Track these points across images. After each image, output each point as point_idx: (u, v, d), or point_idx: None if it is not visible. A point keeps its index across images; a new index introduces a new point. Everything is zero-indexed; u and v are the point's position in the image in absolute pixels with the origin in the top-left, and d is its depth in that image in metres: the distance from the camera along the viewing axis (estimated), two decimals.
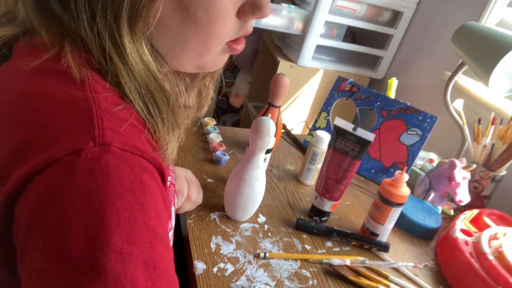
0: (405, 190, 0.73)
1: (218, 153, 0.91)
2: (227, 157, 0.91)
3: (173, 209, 0.59)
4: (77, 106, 0.36)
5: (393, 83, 1.09)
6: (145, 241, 0.34)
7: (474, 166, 0.89)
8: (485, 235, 0.73)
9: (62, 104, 0.36)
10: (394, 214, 0.74)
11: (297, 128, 1.59)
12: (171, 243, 0.56)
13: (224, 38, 0.45)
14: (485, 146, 0.94)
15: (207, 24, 0.42)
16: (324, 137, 0.87)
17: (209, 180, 0.84)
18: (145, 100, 0.41)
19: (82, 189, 0.32)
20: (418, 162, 1.07)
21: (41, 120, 0.35)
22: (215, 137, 0.98)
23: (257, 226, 0.75)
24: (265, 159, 0.84)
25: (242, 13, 0.44)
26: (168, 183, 0.55)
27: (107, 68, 0.39)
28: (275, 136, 0.76)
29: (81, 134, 0.34)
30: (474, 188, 0.94)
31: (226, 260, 0.65)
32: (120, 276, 0.32)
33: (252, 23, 0.48)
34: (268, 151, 0.83)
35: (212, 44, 0.45)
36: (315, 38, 1.45)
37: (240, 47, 0.48)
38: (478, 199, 0.95)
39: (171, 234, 0.54)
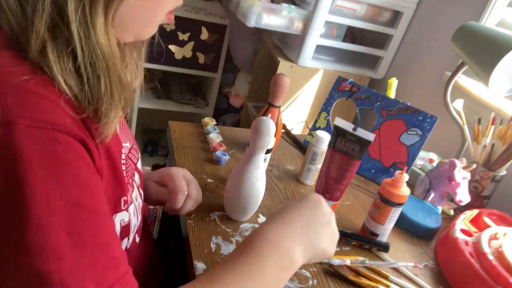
0: (405, 190, 0.73)
1: (218, 153, 0.91)
2: (227, 157, 0.91)
3: (134, 185, 0.59)
4: None
5: (393, 83, 1.09)
6: (64, 211, 0.36)
7: (474, 166, 0.89)
8: (485, 235, 0.73)
9: None
10: (394, 214, 0.74)
11: (297, 128, 1.59)
12: (135, 219, 0.56)
13: (167, 9, 0.50)
14: (485, 146, 0.94)
15: None
16: (324, 137, 0.87)
17: (209, 180, 0.84)
18: (102, 74, 0.41)
19: None
20: (418, 162, 1.07)
21: None
22: (215, 137, 0.98)
23: (257, 226, 0.75)
24: (265, 159, 0.84)
25: None
26: (123, 156, 0.55)
27: (49, 50, 0.39)
28: (275, 136, 0.76)
29: None
30: (474, 188, 0.94)
31: None
32: (42, 247, 0.34)
33: None
34: (268, 151, 0.83)
35: (159, 14, 0.49)
36: (315, 38, 1.45)
37: (173, 17, 0.52)
38: (478, 199, 0.95)
39: (133, 207, 0.55)
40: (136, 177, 0.62)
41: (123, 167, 0.54)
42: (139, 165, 0.66)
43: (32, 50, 0.39)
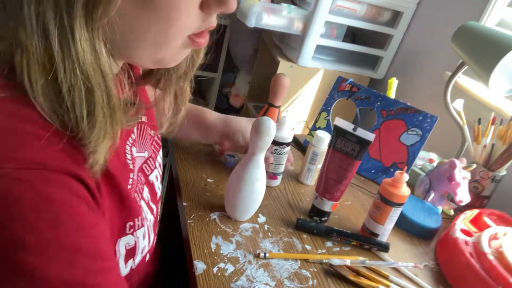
0: (405, 190, 0.73)
1: (226, 155, 0.91)
2: (235, 159, 0.91)
3: (142, 203, 0.56)
4: None
5: (393, 83, 1.09)
6: (62, 260, 0.32)
7: (474, 166, 0.89)
8: (485, 235, 0.73)
9: None
10: (394, 214, 0.74)
11: (297, 128, 1.59)
12: (145, 241, 0.53)
13: (185, 30, 0.41)
14: (485, 146, 0.94)
15: (167, 13, 0.38)
16: (324, 137, 0.87)
17: (209, 180, 0.84)
18: (79, 98, 0.35)
19: None
20: (418, 162, 1.07)
21: None
22: None
23: (257, 226, 0.75)
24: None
25: (206, 4, 0.40)
26: (132, 175, 0.52)
27: (24, 66, 0.34)
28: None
29: None
30: (474, 188, 0.94)
31: (226, 260, 0.65)
32: None
33: (215, 17, 0.44)
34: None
35: (171, 36, 0.40)
36: (315, 38, 1.45)
37: (203, 41, 0.44)
38: (478, 199, 0.95)
39: (143, 230, 0.53)
40: (145, 192, 0.59)
41: (131, 191, 0.51)
42: (152, 176, 0.62)
43: (17, 66, 0.34)
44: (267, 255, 0.67)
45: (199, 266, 0.63)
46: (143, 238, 0.53)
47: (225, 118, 0.87)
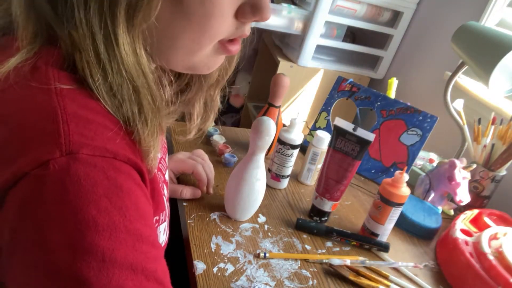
0: (405, 190, 0.73)
1: (227, 155, 0.91)
2: (235, 159, 0.91)
3: (164, 199, 0.58)
4: (43, 112, 0.35)
5: (393, 83, 1.09)
6: (127, 245, 0.34)
7: (474, 166, 0.89)
8: (485, 235, 0.73)
9: (28, 110, 0.35)
10: (394, 214, 0.74)
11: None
12: (164, 236, 0.56)
13: (217, 37, 0.42)
14: (485, 146, 0.94)
15: (201, 20, 0.39)
16: (324, 137, 0.87)
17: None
18: (128, 97, 0.38)
19: (55, 203, 0.32)
20: (418, 162, 1.07)
21: (7, 128, 0.34)
22: (218, 139, 0.97)
23: (257, 226, 0.75)
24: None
25: (241, 13, 0.41)
26: (157, 172, 0.54)
27: (84, 64, 0.37)
28: (275, 136, 0.76)
29: (47, 143, 0.33)
30: (474, 188, 0.94)
31: (226, 260, 0.65)
32: (105, 283, 0.32)
33: (250, 25, 0.45)
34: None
35: (204, 43, 0.42)
36: (315, 38, 1.45)
37: (235, 48, 0.45)
38: (478, 199, 0.95)
39: (164, 225, 0.55)
40: (164, 190, 0.61)
41: (160, 185, 0.54)
42: (166, 176, 0.65)
43: (77, 63, 0.37)
44: (267, 255, 0.67)
45: (199, 266, 0.63)
46: (163, 233, 0.55)
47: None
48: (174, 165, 0.79)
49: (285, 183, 0.89)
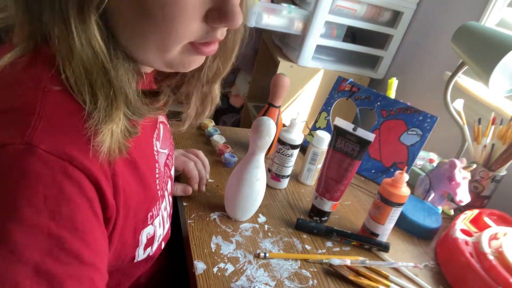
0: (405, 190, 0.73)
1: (227, 155, 0.91)
2: (235, 159, 0.91)
3: (166, 194, 0.60)
4: (24, 106, 0.37)
5: (393, 83, 1.09)
6: (43, 247, 0.34)
7: (474, 166, 0.89)
8: (485, 235, 0.73)
9: (13, 101, 0.37)
10: (394, 214, 0.74)
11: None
12: (161, 229, 0.56)
13: (183, 39, 0.41)
14: (485, 146, 0.94)
15: (163, 23, 0.39)
16: (324, 137, 0.87)
17: (209, 180, 0.84)
18: (85, 84, 0.38)
19: None
20: (418, 162, 1.07)
21: None
22: (218, 139, 0.97)
23: (257, 226, 0.75)
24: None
25: (210, 18, 0.41)
26: (158, 166, 0.55)
27: (58, 61, 0.38)
28: (275, 136, 0.76)
29: (14, 130, 0.35)
30: (474, 188, 0.94)
31: (226, 260, 0.65)
32: (2, 273, 0.32)
33: (222, 31, 0.44)
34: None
35: (170, 45, 0.41)
36: (315, 38, 1.45)
37: (209, 49, 0.44)
38: (478, 199, 0.95)
39: (159, 219, 0.55)
40: (169, 184, 0.62)
41: (157, 181, 0.54)
42: (172, 172, 0.66)
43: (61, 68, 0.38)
44: (267, 255, 0.67)
45: (199, 266, 0.63)
46: (159, 226, 0.55)
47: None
48: None
49: (285, 183, 0.89)
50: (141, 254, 0.53)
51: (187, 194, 0.77)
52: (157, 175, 0.55)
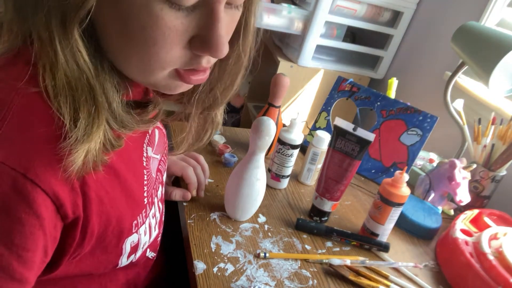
0: (405, 190, 0.73)
1: (227, 155, 0.91)
2: (235, 159, 0.91)
3: (156, 200, 0.58)
4: None
5: (393, 83, 1.09)
6: None
7: (474, 166, 0.89)
8: (485, 235, 0.73)
9: None
10: (394, 214, 0.74)
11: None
12: (146, 237, 0.55)
13: (167, 65, 0.40)
14: (485, 146, 0.94)
15: (144, 46, 0.38)
16: (324, 137, 0.87)
17: (209, 180, 0.84)
18: (67, 99, 0.37)
19: None
20: (418, 162, 1.07)
21: None
22: (218, 138, 0.97)
23: (257, 226, 0.75)
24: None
25: (193, 46, 0.40)
26: (147, 172, 0.53)
27: (39, 65, 0.37)
28: (275, 136, 0.76)
29: None
30: (474, 188, 0.94)
31: (226, 260, 0.65)
32: None
33: (208, 59, 0.42)
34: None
35: (153, 68, 0.40)
36: (315, 38, 1.45)
37: (195, 78, 0.43)
38: (478, 199, 0.95)
39: (142, 229, 0.53)
40: (159, 191, 0.61)
41: (145, 188, 0.53)
42: (165, 176, 0.65)
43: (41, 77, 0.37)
44: (267, 255, 0.67)
45: (199, 266, 0.63)
46: (144, 234, 0.54)
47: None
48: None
49: (285, 183, 0.89)
50: (124, 261, 0.52)
51: (187, 200, 0.76)
52: (145, 182, 0.53)
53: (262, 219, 0.77)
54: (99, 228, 0.44)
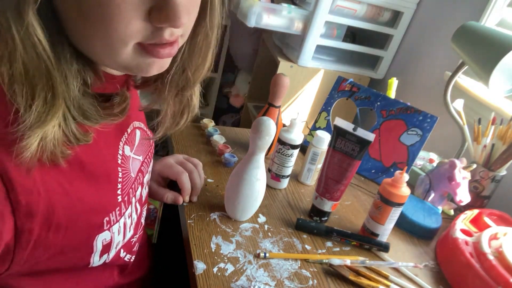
0: (405, 190, 0.73)
1: (227, 155, 0.91)
2: (235, 159, 0.91)
3: (134, 200, 0.58)
4: None
5: (393, 83, 1.09)
6: None
7: (474, 166, 0.89)
8: (485, 235, 0.73)
9: None
10: (394, 214, 0.74)
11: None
12: (119, 237, 0.54)
13: (128, 40, 0.39)
14: (485, 146, 0.94)
15: (102, 23, 0.37)
16: (324, 137, 0.87)
17: (209, 180, 0.84)
18: (24, 86, 0.36)
19: None
20: (418, 162, 1.07)
21: None
22: (218, 139, 0.97)
23: (257, 226, 0.75)
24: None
25: (152, 17, 0.39)
26: (121, 170, 0.53)
27: None
28: (275, 136, 0.76)
29: None
30: (474, 188, 0.94)
31: (226, 260, 0.65)
32: None
33: (171, 31, 0.41)
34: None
35: (115, 45, 0.39)
36: (315, 38, 1.45)
37: (163, 51, 0.42)
38: (478, 199, 0.95)
39: (116, 227, 0.53)
40: (138, 191, 0.60)
41: (119, 186, 0.52)
42: (145, 179, 0.64)
43: None
44: (267, 255, 0.67)
45: (199, 266, 0.63)
46: (118, 233, 0.54)
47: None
48: (161, 169, 0.77)
49: (285, 183, 0.89)
50: (96, 261, 0.52)
51: (178, 204, 0.75)
52: (120, 179, 0.53)
53: (262, 219, 0.77)
54: (67, 222, 0.43)
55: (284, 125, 0.99)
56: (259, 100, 1.98)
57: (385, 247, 0.74)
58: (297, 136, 0.84)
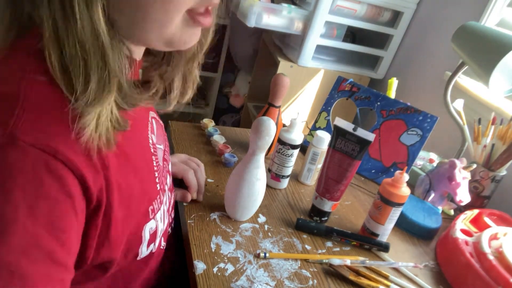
0: (405, 190, 0.73)
1: (227, 155, 0.91)
2: (235, 159, 0.91)
3: (166, 188, 0.59)
4: (8, 96, 0.36)
5: (393, 83, 1.09)
6: (17, 244, 0.33)
7: (474, 166, 0.89)
8: (485, 235, 0.73)
9: None
10: (394, 214, 0.74)
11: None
12: (162, 224, 0.56)
13: (183, 5, 0.42)
14: (485, 146, 0.94)
15: None
16: (324, 137, 0.87)
17: (209, 180, 0.84)
18: (80, 66, 0.37)
19: None
20: (418, 162, 1.07)
21: None
22: (218, 139, 0.97)
23: (257, 226, 0.75)
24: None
25: None
26: (155, 160, 0.54)
27: (45, 44, 0.37)
28: (275, 136, 0.76)
29: None
30: (474, 188, 0.94)
31: (226, 260, 0.65)
32: None
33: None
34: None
35: (171, 13, 0.42)
36: (315, 38, 1.45)
37: (207, 20, 0.45)
38: (478, 199, 0.95)
39: (159, 215, 0.54)
40: (168, 179, 0.63)
41: (156, 174, 0.54)
42: (170, 166, 0.66)
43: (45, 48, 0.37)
44: (267, 255, 0.67)
45: (199, 266, 0.63)
46: (161, 221, 0.55)
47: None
48: None
49: (285, 183, 0.89)
50: (144, 251, 0.53)
51: (186, 201, 0.75)
52: (155, 168, 0.54)
53: (262, 219, 0.77)
54: (122, 216, 0.44)
55: (284, 125, 0.99)
56: (259, 100, 1.98)
57: (385, 247, 0.74)
58: (297, 136, 0.84)
